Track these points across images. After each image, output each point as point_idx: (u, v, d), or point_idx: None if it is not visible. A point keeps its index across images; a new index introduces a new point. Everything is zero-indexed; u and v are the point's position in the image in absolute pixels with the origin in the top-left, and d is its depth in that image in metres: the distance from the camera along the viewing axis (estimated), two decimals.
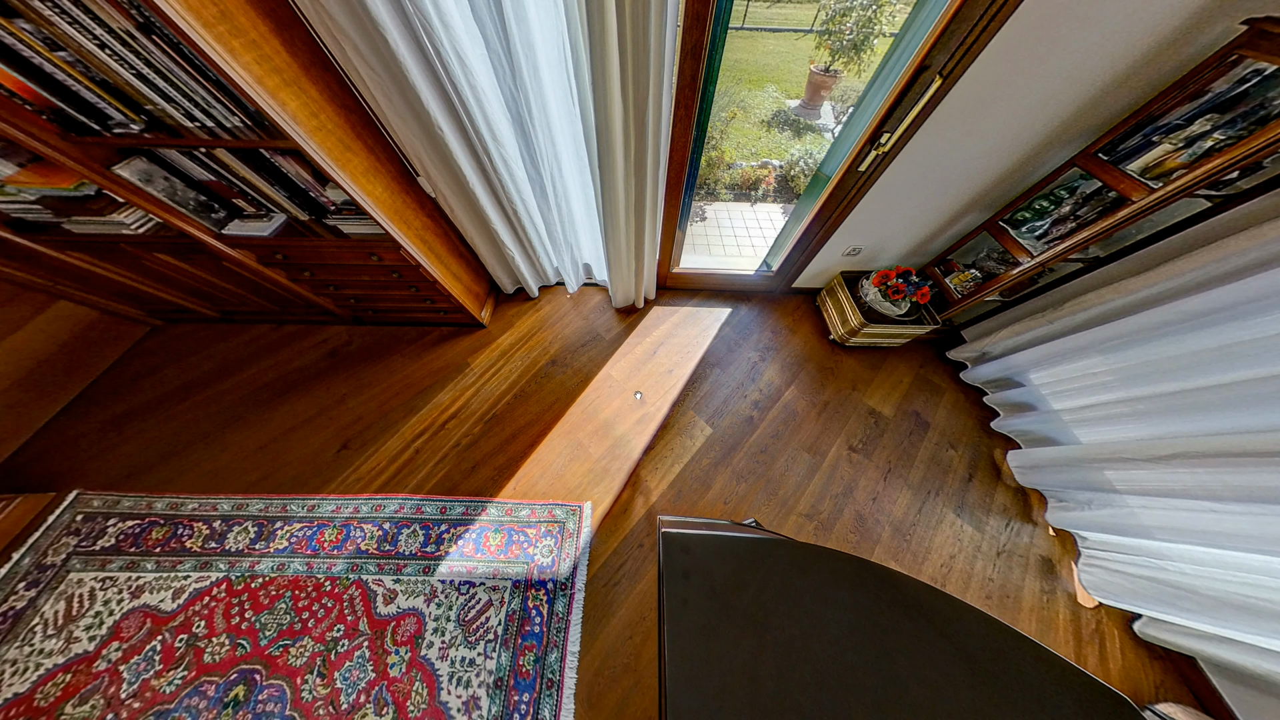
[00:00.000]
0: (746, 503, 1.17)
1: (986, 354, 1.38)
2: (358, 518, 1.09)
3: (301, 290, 1.23)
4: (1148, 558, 0.95)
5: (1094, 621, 1.02)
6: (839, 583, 0.51)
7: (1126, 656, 0.98)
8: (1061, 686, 0.44)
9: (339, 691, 0.85)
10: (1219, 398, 0.83)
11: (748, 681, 0.41)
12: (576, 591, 0.99)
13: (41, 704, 0.83)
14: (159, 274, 1.15)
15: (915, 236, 1.34)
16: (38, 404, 1.20)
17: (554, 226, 1.33)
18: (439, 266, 1.19)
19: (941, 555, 1.12)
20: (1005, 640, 0.47)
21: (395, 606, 0.96)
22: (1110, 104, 0.86)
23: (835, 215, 1.25)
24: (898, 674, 0.44)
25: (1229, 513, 0.80)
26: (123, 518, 1.06)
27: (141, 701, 0.83)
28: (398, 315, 1.45)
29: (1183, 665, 0.94)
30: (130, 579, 0.98)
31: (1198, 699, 0.91)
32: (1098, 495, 1.04)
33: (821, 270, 1.56)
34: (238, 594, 0.96)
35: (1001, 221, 1.15)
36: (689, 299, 1.69)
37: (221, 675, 0.87)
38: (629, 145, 0.90)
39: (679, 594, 0.47)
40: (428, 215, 1.14)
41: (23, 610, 0.93)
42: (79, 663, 0.87)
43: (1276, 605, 0.75)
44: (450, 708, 0.84)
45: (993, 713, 0.42)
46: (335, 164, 0.79)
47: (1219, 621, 0.83)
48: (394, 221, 0.97)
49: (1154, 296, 0.92)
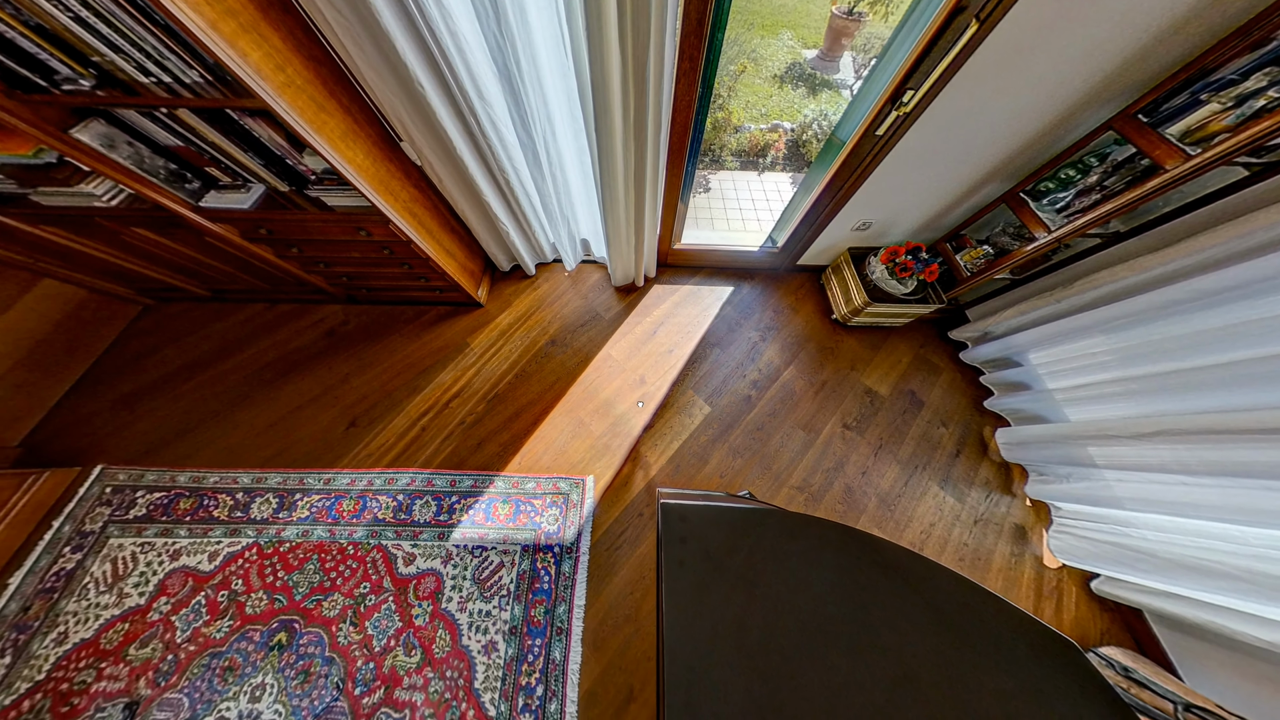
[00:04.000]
0: (741, 476, 1.23)
1: (988, 334, 1.37)
2: (372, 490, 1.15)
3: (291, 268, 1.20)
4: (1115, 525, 1.02)
5: (1055, 580, 1.12)
6: (824, 547, 0.56)
7: (1080, 609, 1.08)
8: (1017, 633, 0.50)
9: (371, 637, 0.96)
10: (1213, 377, 0.84)
11: (736, 630, 0.46)
12: (581, 555, 1.07)
13: (107, 647, 0.93)
14: (142, 250, 1.12)
15: (929, 209, 1.28)
16: (45, 383, 1.22)
17: (549, 198, 1.26)
18: (431, 242, 1.14)
19: (922, 524, 1.19)
20: (971, 595, 0.52)
21: (415, 567, 1.04)
22: (1162, 54, 0.78)
23: (847, 186, 1.18)
24: (871, 623, 0.49)
25: (1198, 485, 0.84)
26: (149, 490, 1.12)
27: (195, 645, 0.94)
28: (392, 294, 1.42)
29: (1129, 616, 1.05)
30: (167, 544, 1.05)
31: (1137, 643, 1.02)
32: (1077, 469, 1.09)
33: (828, 246, 1.50)
34: (268, 557, 1.04)
35: (1022, 193, 1.09)
36: (690, 277, 1.65)
37: (264, 624, 0.96)
38: (628, 104, 0.82)
39: (676, 557, 0.51)
40: (415, 186, 1.08)
41: (73, 570, 1.02)
42: (133, 614, 0.97)
43: (1225, 565, 0.81)
44: (471, 650, 0.95)
45: (953, 654, 0.47)
46: (309, 126, 0.73)
47: (1171, 580, 0.90)
48: (379, 192, 0.92)
49: (1168, 274, 0.89)
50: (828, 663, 0.45)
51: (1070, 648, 0.49)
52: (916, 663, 0.46)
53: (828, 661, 0.45)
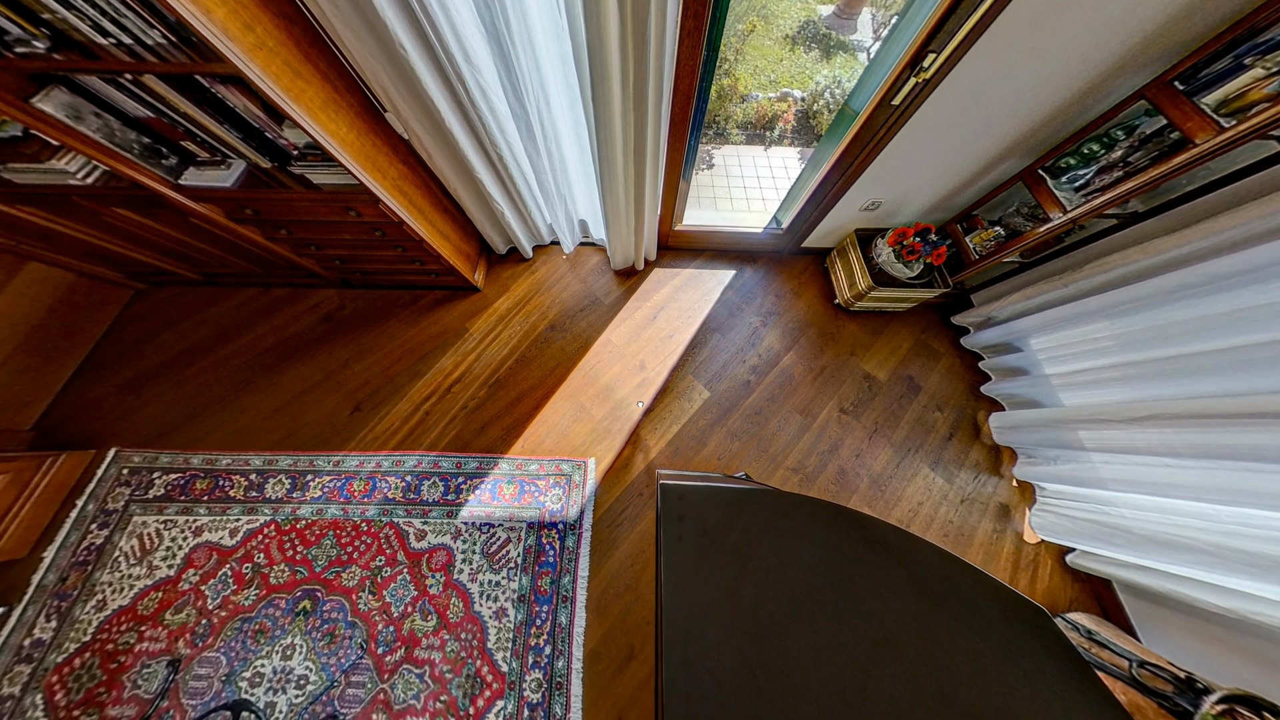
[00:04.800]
0: (739, 459, 1.27)
1: (992, 319, 1.36)
2: (381, 471, 1.18)
3: (281, 250, 1.17)
4: (1095, 504, 1.06)
5: (1033, 554, 1.18)
6: (815, 524, 0.59)
7: (1053, 580, 1.15)
8: (991, 600, 0.53)
9: (389, 604, 1.02)
10: (1212, 362, 0.84)
11: (730, 597, 0.50)
12: (584, 531, 1.13)
13: (144, 613, 1.00)
14: (126, 232, 1.08)
15: (942, 188, 1.22)
16: (48, 368, 1.23)
17: (545, 175, 1.21)
18: (423, 223, 1.11)
19: (910, 503, 1.24)
20: (951, 567, 0.55)
21: (426, 542, 1.10)
22: (1210, 10, 0.72)
23: (859, 161, 1.13)
24: (856, 592, 0.52)
25: (1181, 467, 0.87)
26: (165, 471, 1.16)
27: (226, 611, 1.01)
28: (387, 278, 1.39)
29: (1098, 586, 1.12)
30: (188, 521, 1.10)
31: (1103, 609, 1.10)
32: (1066, 452, 1.12)
33: (835, 228, 1.45)
34: (286, 533, 1.10)
35: (1041, 169, 1.04)
36: (692, 260, 1.61)
37: (288, 593, 1.03)
38: (626, 69, 0.77)
39: (674, 533, 0.54)
40: (403, 162, 1.02)
41: (102, 545, 1.07)
42: (165, 584, 1.03)
43: (1196, 541, 0.85)
44: (483, 615, 1.02)
45: (930, 619, 0.51)
46: (286, 94, 0.69)
47: (1143, 554, 0.95)
48: (366, 168, 0.87)
49: (1182, 257, 0.87)
50: (814, 626, 0.48)
51: (1039, 613, 0.53)
52: (896, 626, 0.50)
53: (814, 625, 0.49)
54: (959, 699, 0.44)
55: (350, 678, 0.95)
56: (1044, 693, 0.46)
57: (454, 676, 0.95)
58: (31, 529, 1.05)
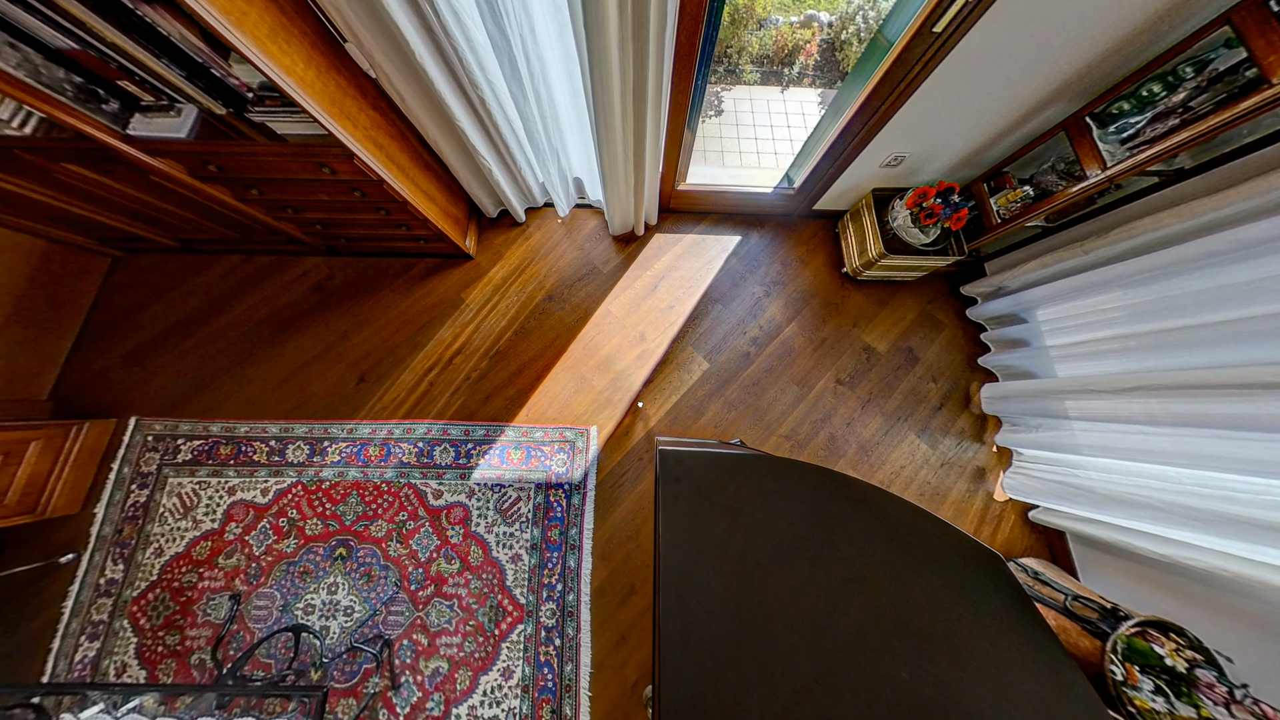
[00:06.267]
0: (735, 427, 1.32)
1: (1003, 288, 1.32)
2: (393, 438, 1.25)
3: (256, 213, 1.10)
4: (1066, 467, 1.14)
5: (999, 510, 1.29)
6: (803, 485, 0.63)
7: (1013, 531, 1.27)
8: (953, 547, 0.60)
9: (416, 551, 1.15)
10: (1214, 334, 0.84)
11: (720, 546, 0.56)
12: (589, 491, 1.22)
13: (199, 558, 1.13)
14: (85, 193, 1.00)
15: (976, 139, 1.11)
16: (46, 340, 1.23)
17: (534, 124, 1.09)
18: (405, 182, 1.02)
19: (894, 466, 1.32)
20: (922, 520, 0.61)
21: (444, 500, 1.20)
22: None
23: (887, 105, 1.00)
24: (835, 541, 0.59)
25: (1156, 434, 0.91)
26: (188, 438, 1.22)
27: (272, 557, 1.13)
28: (374, 244, 1.33)
29: (1053, 536, 1.24)
30: (220, 482, 1.19)
31: (1052, 555, 1.24)
32: (1049, 420, 1.17)
33: (851, 187, 1.35)
34: (313, 493, 1.19)
35: (1089, 116, 0.93)
36: (695, 224, 1.52)
37: (324, 542, 1.15)
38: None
39: (672, 492, 0.59)
40: (374, 108, 0.91)
41: (146, 503, 1.17)
42: (211, 535, 1.15)
43: (1152, 499, 0.93)
44: (501, 560, 1.15)
45: (898, 563, 0.58)
46: (223, 16, 0.59)
47: (1101, 511, 1.04)
48: (332, 114, 0.78)
49: (1217, 221, 0.82)
50: (793, 568, 0.55)
51: (994, 558, 0.60)
52: (867, 569, 0.56)
53: (793, 567, 0.55)
54: (912, 624, 0.52)
55: (389, 608, 1.10)
56: (986, 618, 0.54)
57: (479, 607, 1.11)
58: (77, 489, 1.14)
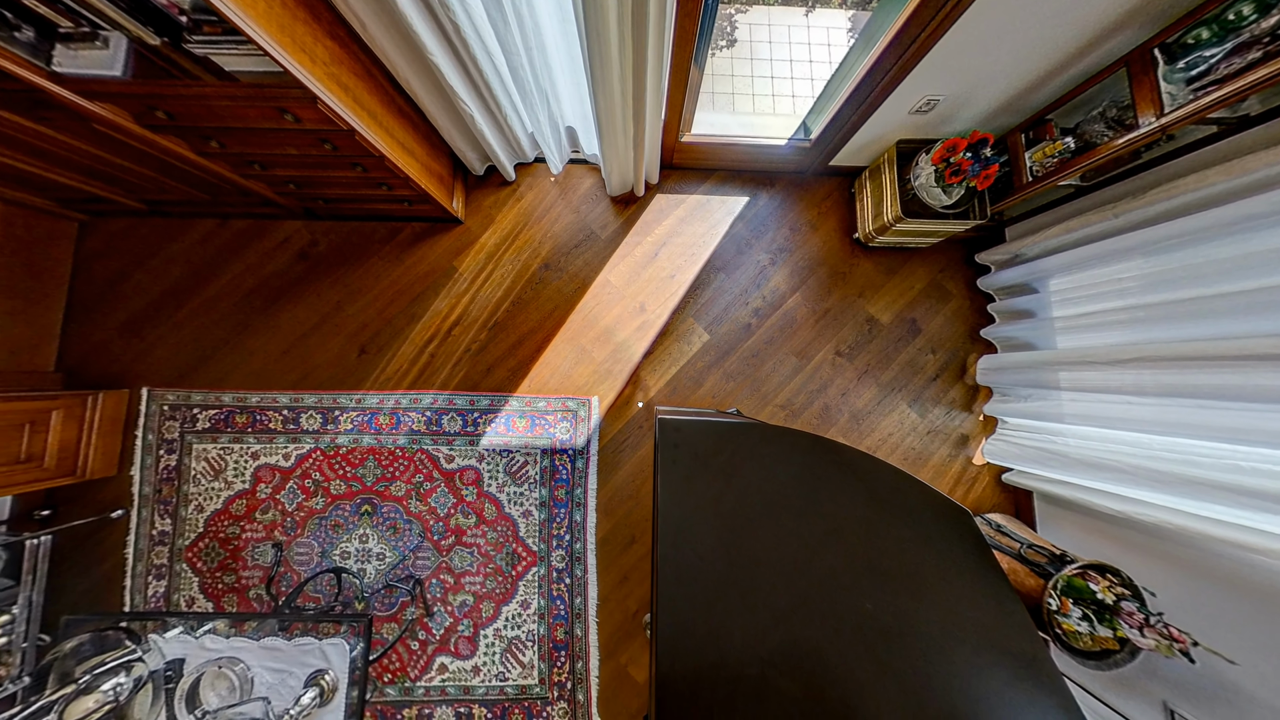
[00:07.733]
0: (733, 397, 1.36)
1: (1019, 256, 1.27)
2: (402, 408, 1.29)
3: (221, 170, 1.01)
4: (1046, 435, 1.20)
5: (975, 472, 1.39)
6: (794, 450, 0.68)
7: (985, 491, 1.38)
8: (926, 503, 0.66)
9: (435, 508, 1.26)
10: (1228, 304, 0.83)
11: (714, 503, 0.61)
12: (591, 455, 1.30)
13: (238, 514, 1.24)
14: (25, 144, 0.91)
15: (1023, 78, 0.98)
16: (34, 311, 1.21)
17: (517, 56, 0.94)
18: (378, 131, 0.92)
19: (882, 433, 1.39)
20: (900, 480, 0.67)
21: (456, 464, 1.28)
22: None
23: (928, 33, 0.86)
24: (819, 499, 0.64)
25: (1141, 404, 0.95)
26: (202, 408, 1.27)
27: (304, 513, 1.24)
28: (354, 206, 1.25)
29: (1020, 495, 1.35)
30: (243, 448, 1.26)
31: (1017, 511, 1.35)
32: (1039, 390, 1.20)
33: (874, 138, 1.22)
34: (331, 458, 1.27)
35: (1158, 48, 0.81)
36: (700, 183, 1.41)
37: (350, 500, 1.25)
38: None
39: (670, 457, 0.63)
40: (331, 36, 0.79)
41: (177, 465, 1.25)
42: (245, 494, 1.24)
43: (1121, 464, 0.99)
44: (513, 515, 1.27)
45: (875, 519, 0.64)
46: None
47: (1070, 474, 1.12)
48: (280, 41, 0.67)
49: (1266, 180, 0.76)
50: (778, 522, 0.61)
51: (963, 513, 0.66)
52: (845, 523, 0.62)
53: (779, 521, 0.61)
54: (880, 566, 0.59)
55: (417, 555, 1.24)
56: (946, 562, 0.61)
57: (497, 554, 1.25)
58: (109, 454, 1.21)
